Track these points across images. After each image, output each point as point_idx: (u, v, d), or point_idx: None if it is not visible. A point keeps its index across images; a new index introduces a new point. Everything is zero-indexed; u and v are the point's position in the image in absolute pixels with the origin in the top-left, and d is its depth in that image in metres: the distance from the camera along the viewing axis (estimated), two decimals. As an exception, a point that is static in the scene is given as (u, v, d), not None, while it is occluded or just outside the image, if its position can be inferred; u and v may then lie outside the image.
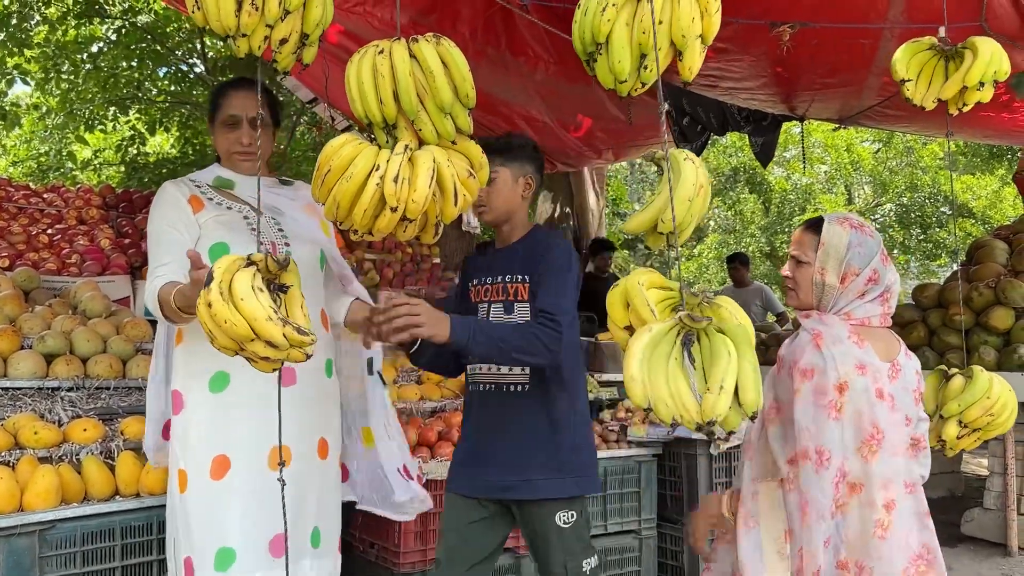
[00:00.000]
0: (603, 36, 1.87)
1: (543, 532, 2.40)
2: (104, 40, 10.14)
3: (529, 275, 2.42)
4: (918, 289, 5.88)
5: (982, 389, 2.62)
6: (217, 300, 1.65)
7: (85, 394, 3.27)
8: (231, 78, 2.67)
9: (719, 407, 1.52)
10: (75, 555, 2.61)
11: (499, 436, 2.43)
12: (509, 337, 2.27)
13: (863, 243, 2.21)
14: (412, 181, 1.87)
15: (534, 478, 2.37)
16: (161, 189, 2.54)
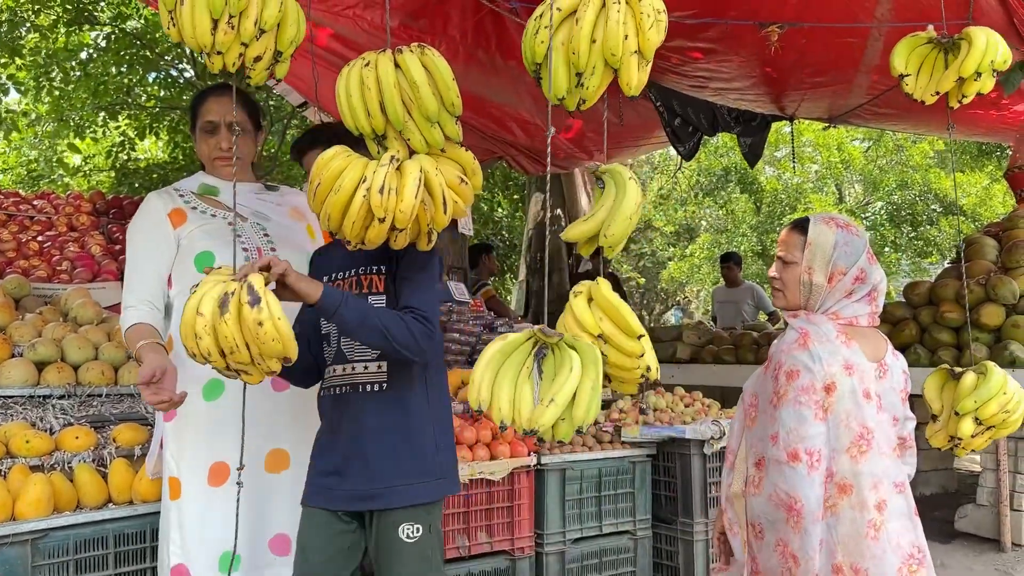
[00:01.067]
0: (540, 57, 1.91)
1: (386, 547, 2.23)
2: (94, 47, 10.12)
3: (384, 266, 2.30)
4: (909, 287, 5.90)
5: (998, 385, 2.57)
6: (268, 319, 1.80)
7: (77, 402, 3.25)
8: (210, 84, 2.70)
9: (544, 418, 1.64)
10: (68, 564, 2.59)
11: (357, 442, 2.25)
12: (383, 316, 2.14)
13: (849, 242, 2.22)
14: (399, 191, 1.89)
15: (395, 485, 2.22)
16: (144, 202, 2.57)
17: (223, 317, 1.78)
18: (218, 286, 1.84)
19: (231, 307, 1.79)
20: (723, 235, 18.64)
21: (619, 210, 1.94)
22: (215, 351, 1.79)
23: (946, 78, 2.89)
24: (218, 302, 1.80)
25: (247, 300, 1.80)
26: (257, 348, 1.82)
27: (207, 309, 1.80)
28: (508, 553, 3.53)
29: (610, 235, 1.95)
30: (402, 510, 2.22)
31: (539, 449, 3.66)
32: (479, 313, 5.31)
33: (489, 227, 12.45)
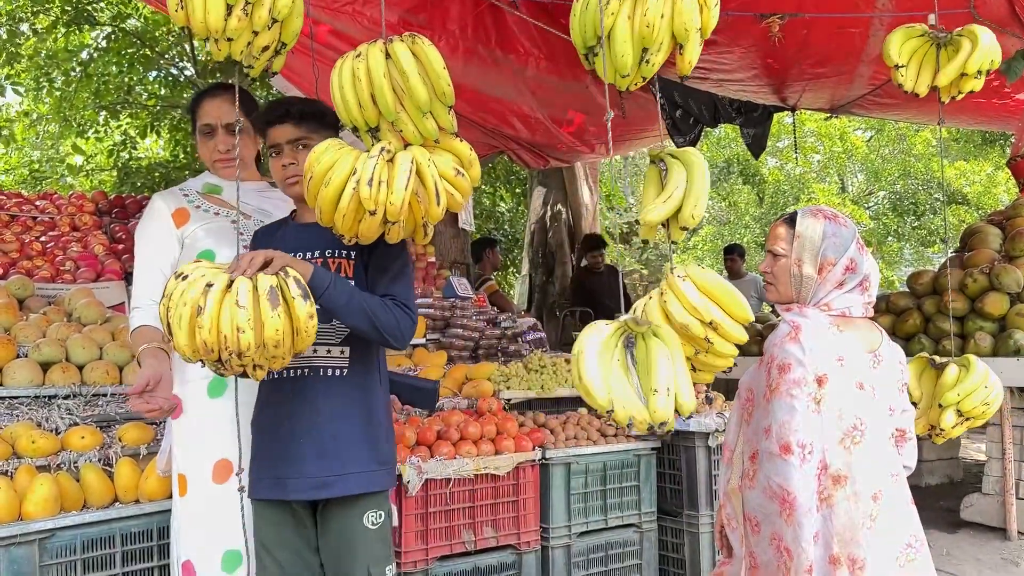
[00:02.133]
0: (606, 30, 1.87)
1: (348, 535, 2.19)
2: (94, 47, 10.12)
3: (353, 251, 2.24)
4: (913, 276, 5.89)
5: (981, 379, 2.64)
6: (315, 313, 1.87)
7: (82, 401, 3.26)
8: (205, 87, 2.69)
9: (668, 411, 1.66)
10: (75, 563, 2.60)
11: (314, 428, 2.17)
12: (368, 299, 2.12)
13: (837, 233, 2.22)
14: (389, 183, 1.87)
15: (352, 471, 2.17)
16: (150, 203, 2.59)
17: (275, 310, 1.76)
18: (241, 280, 1.80)
19: (281, 300, 1.79)
20: (726, 227, 18.63)
21: (701, 186, 1.93)
22: (253, 345, 1.75)
23: (947, 73, 2.90)
24: (264, 295, 1.77)
25: (298, 293, 1.81)
26: (292, 342, 1.82)
27: (246, 301, 1.75)
28: (514, 547, 3.54)
29: (697, 214, 1.94)
30: (364, 497, 2.20)
31: (543, 443, 3.66)
32: (482, 308, 5.32)
33: (491, 222, 12.44)
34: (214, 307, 1.75)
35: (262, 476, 2.23)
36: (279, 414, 2.23)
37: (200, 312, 1.75)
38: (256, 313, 1.76)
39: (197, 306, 1.76)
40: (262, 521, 2.26)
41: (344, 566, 2.21)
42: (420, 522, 3.27)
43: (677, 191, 1.91)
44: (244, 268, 1.84)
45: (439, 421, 3.58)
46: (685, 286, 1.83)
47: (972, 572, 4.35)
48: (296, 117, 2.27)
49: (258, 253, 1.90)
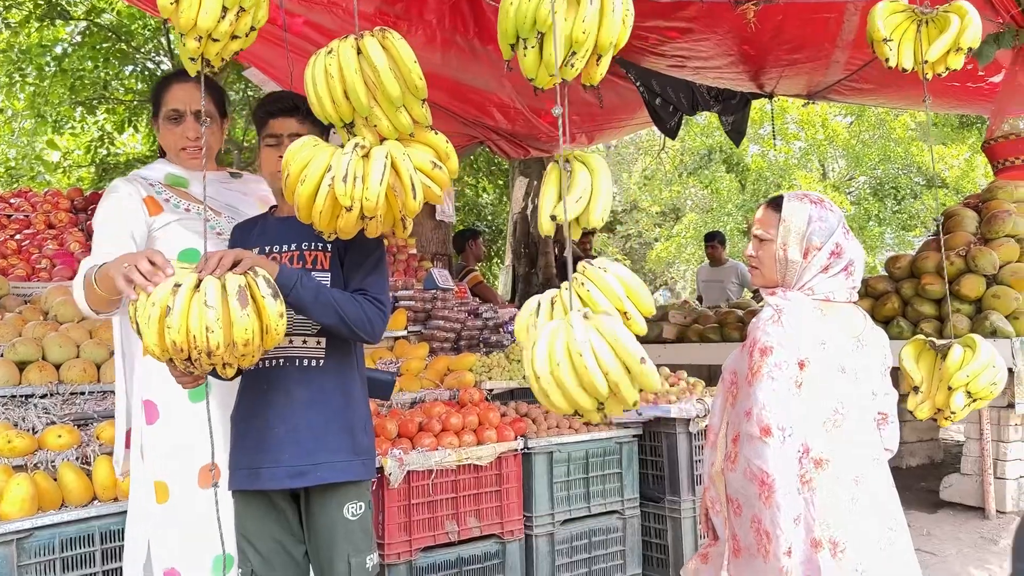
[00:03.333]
0: (545, 27, 1.86)
1: (329, 525, 2.21)
2: (68, 42, 10.01)
3: (330, 244, 2.24)
4: (890, 260, 5.94)
5: (989, 359, 2.62)
6: (285, 311, 1.87)
7: (59, 400, 3.24)
8: (172, 71, 2.62)
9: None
10: (54, 562, 2.58)
11: (289, 417, 2.18)
12: (336, 294, 2.13)
13: (823, 217, 2.22)
14: (365, 178, 1.87)
15: (327, 460, 2.18)
16: (111, 187, 2.48)
17: (244, 310, 1.76)
18: (209, 280, 1.80)
19: (250, 300, 1.79)
20: (708, 214, 18.68)
21: (606, 190, 1.93)
22: (222, 345, 1.75)
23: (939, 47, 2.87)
24: (233, 295, 1.77)
25: (268, 292, 1.81)
26: (264, 339, 1.82)
27: (215, 301, 1.76)
28: (498, 537, 3.55)
29: (604, 217, 1.94)
30: (343, 488, 2.21)
31: (525, 433, 3.67)
32: (464, 300, 5.32)
33: (474, 214, 12.43)
34: (183, 307, 1.75)
35: (239, 467, 2.24)
36: (256, 404, 2.24)
37: (169, 312, 1.75)
38: (225, 313, 1.76)
39: (166, 306, 1.75)
40: (243, 513, 2.27)
41: (325, 556, 2.23)
42: (403, 514, 3.27)
43: (586, 193, 1.93)
44: (213, 267, 1.84)
45: (420, 413, 3.58)
46: (607, 277, 1.86)
47: (952, 551, 4.41)
48: (303, 113, 2.26)
49: (227, 252, 1.89)
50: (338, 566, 2.21)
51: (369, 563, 2.25)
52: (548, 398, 1.67)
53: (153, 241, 2.40)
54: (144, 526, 2.40)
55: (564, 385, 1.66)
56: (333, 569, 2.22)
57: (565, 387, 1.66)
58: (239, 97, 10.31)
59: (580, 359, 1.62)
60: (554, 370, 1.65)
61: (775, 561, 2.02)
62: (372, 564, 2.26)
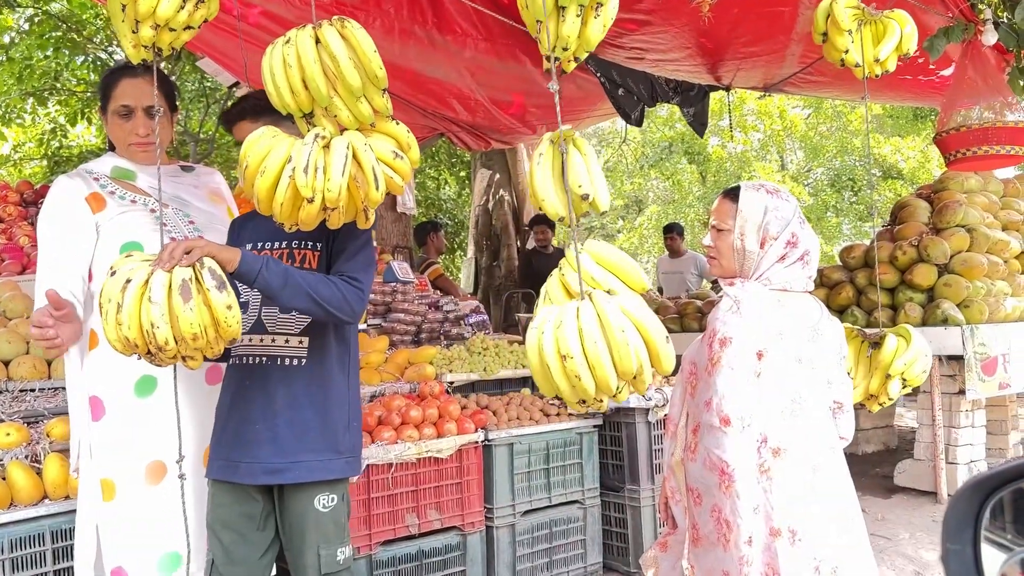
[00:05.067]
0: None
1: (300, 516, 2.21)
2: (16, 30, 9.74)
3: (320, 243, 2.26)
4: (845, 250, 6.04)
5: (922, 347, 2.76)
6: (235, 302, 1.81)
7: (8, 397, 3.16)
8: (120, 64, 2.56)
9: None
10: (3, 563, 2.52)
11: (269, 415, 2.19)
12: (307, 276, 2.09)
13: (779, 207, 2.25)
14: (326, 169, 1.85)
15: (306, 459, 2.19)
16: (55, 184, 2.43)
17: (188, 304, 1.73)
18: (157, 273, 1.77)
19: (195, 293, 1.75)
20: (670, 206, 18.83)
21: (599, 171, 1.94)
22: (172, 340, 1.74)
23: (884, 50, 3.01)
24: (176, 289, 1.74)
25: (213, 284, 1.77)
26: (215, 333, 1.79)
27: (159, 297, 1.73)
28: (459, 529, 3.55)
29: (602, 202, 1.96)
30: (316, 483, 2.21)
31: (486, 425, 3.67)
32: (424, 292, 5.30)
33: (436, 206, 12.37)
34: (132, 304, 1.74)
35: (218, 457, 2.26)
36: (237, 399, 2.25)
37: (119, 309, 1.73)
38: (169, 308, 1.74)
39: (117, 303, 1.74)
40: (215, 501, 2.27)
41: (296, 547, 2.24)
42: (363, 508, 3.26)
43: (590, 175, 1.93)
44: (164, 261, 1.81)
45: (380, 406, 3.56)
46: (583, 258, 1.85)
47: (904, 535, 4.50)
48: (252, 112, 2.27)
49: (179, 244, 1.86)
50: (308, 558, 2.21)
51: (340, 556, 2.25)
52: (579, 380, 1.62)
53: (99, 237, 2.36)
54: (92, 525, 2.36)
55: (600, 364, 1.62)
56: (303, 560, 2.22)
57: (600, 367, 1.62)
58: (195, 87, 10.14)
59: (622, 335, 1.60)
60: (590, 348, 1.61)
61: (735, 550, 2.04)
62: (344, 557, 2.26)
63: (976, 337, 4.96)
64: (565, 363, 1.63)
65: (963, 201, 5.64)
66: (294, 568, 2.27)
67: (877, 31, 3.09)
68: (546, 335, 1.65)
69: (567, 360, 1.63)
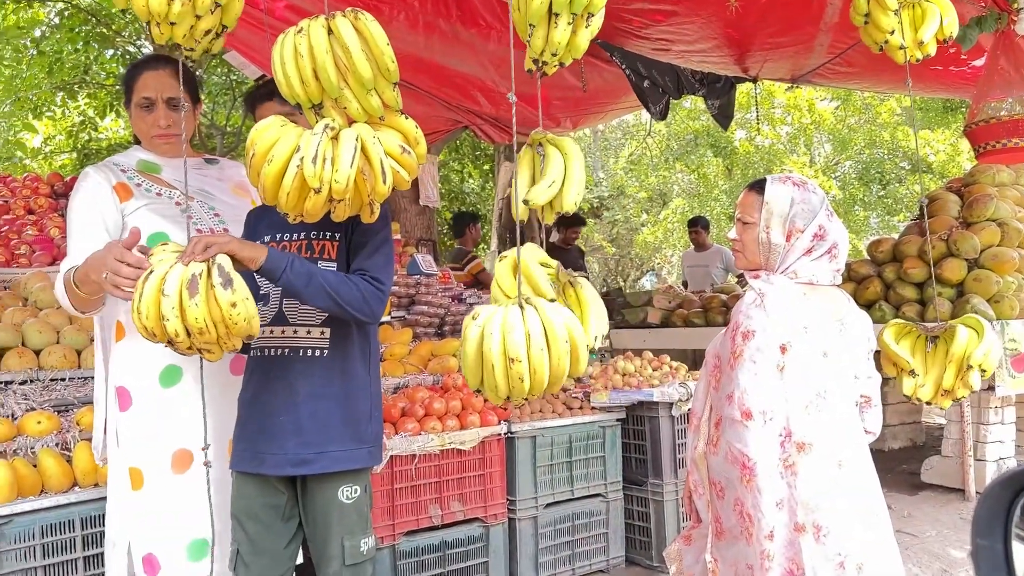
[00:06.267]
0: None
1: (324, 508, 2.23)
2: (47, 24, 9.86)
3: (338, 233, 2.26)
4: (873, 244, 5.97)
5: (994, 337, 2.68)
6: (242, 300, 1.81)
7: (39, 386, 3.21)
8: (142, 57, 2.60)
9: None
10: (35, 548, 2.58)
11: (292, 407, 2.21)
12: (330, 277, 2.12)
13: (806, 200, 2.22)
14: (334, 160, 1.85)
15: (330, 450, 2.20)
16: (83, 175, 2.46)
17: (192, 299, 1.75)
18: (176, 266, 1.80)
19: (201, 289, 1.77)
20: (695, 199, 18.69)
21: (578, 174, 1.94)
22: (182, 332, 1.76)
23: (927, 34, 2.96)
24: (185, 283, 1.77)
25: (219, 282, 1.79)
26: (226, 328, 1.80)
27: (171, 290, 1.76)
28: (481, 520, 3.57)
29: (577, 201, 1.96)
30: (340, 473, 2.23)
31: (509, 417, 3.68)
32: (447, 285, 5.31)
33: (459, 199, 12.38)
34: (150, 295, 1.77)
35: (244, 449, 2.27)
36: (260, 391, 2.26)
37: (140, 299, 1.77)
38: (179, 302, 1.77)
39: (139, 293, 1.78)
40: (239, 492, 2.29)
41: (320, 538, 2.25)
42: (387, 498, 3.28)
43: (559, 177, 1.94)
44: (187, 255, 1.83)
45: (404, 398, 3.58)
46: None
47: (931, 532, 4.46)
48: (280, 95, 2.26)
49: (203, 238, 1.88)
50: (332, 548, 2.23)
51: (364, 546, 2.26)
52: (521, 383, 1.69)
53: (125, 227, 2.37)
54: (122, 513, 2.39)
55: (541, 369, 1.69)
56: (328, 552, 2.24)
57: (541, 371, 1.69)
58: (221, 81, 10.22)
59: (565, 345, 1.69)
60: (535, 355, 1.68)
61: (757, 544, 2.04)
62: (367, 547, 2.27)
63: (1006, 333, 4.89)
64: (512, 366, 1.67)
65: (994, 195, 5.55)
66: (318, 558, 2.29)
67: (916, 16, 3.03)
68: (494, 336, 1.69)
69: (514, 363, 1.67)
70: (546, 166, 1.86)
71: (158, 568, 2.33)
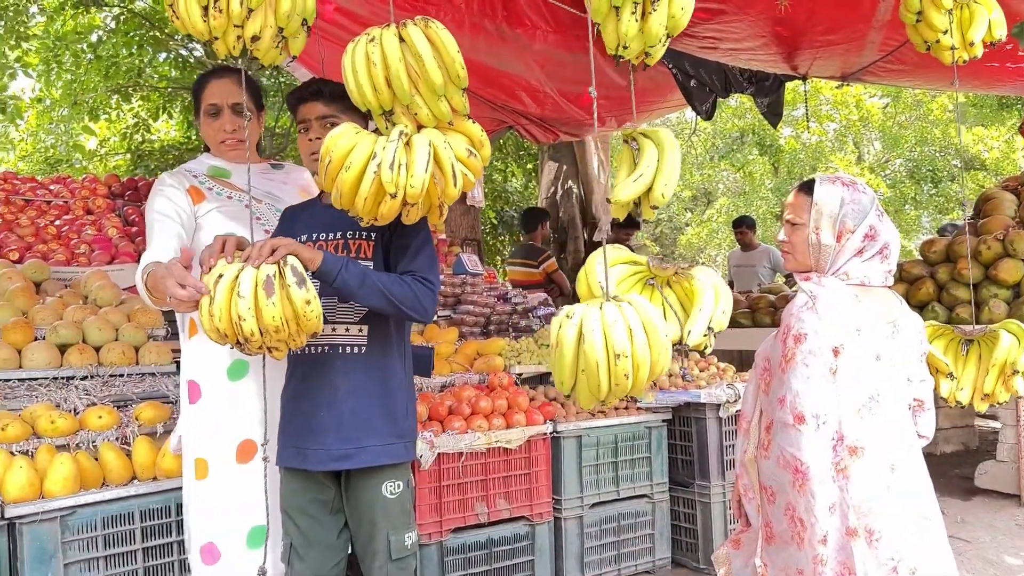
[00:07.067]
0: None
1: (368, 503, 2.28)
2: (103, 28, 10.12)
3: (374, 233, 2.31)
4: (926, 244, 5.85)
5: None
6: (314, 298, 1.89)
7: (99, 382, 3.32)
8: (214, 66, 2.71)
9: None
10: (96, 539, 2.67)
11: (333, 403, 2.26)
12: (382, 277, 2.18)
13: (856, 200, 2.20)
14: (409, 166, 1.91)
15: (370, 444, 2.26)
16: (159, 180, 2.58)
17: (270, 299, 1.83)
18: (246, 269, 1.88)
19: (277, 289, 1.84)
20: (741, 198, 18.48)
21: (671, 165, 1.95)
22: (257, 331, 1.84)
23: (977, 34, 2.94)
24: (260, 284, 1.84)
25: (293, 281, 1.86)
26: (297, 326, 1.88)
27: (247, 291, 1.83)
28: (527, 519, 3.58)
29: (667, 192, 1.96)
30: (383, 468, 2.28)
31: (554, 417, 3.70)
32: (493, 284, 5.34)
33: (502, 199, 12.41)
34: (223, 297, 1.84)
35: (287, 445, 2.34)
36: (302, 388, 2.33)
37: (212, 302, 1.85)
38: (255, 302, 1.84)
39: (210, 297, 1.86)
40: (287, 488, 2.36)
41: (365, 533, 2.31)
42: (434, 495, 3.32)
43: (648, 170, 1.94)
44: (253, 258, 1.91)
45: (450, 396, 3.62)
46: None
47: (986, 538, 4.36)
48: (327, 96, 2.36)
49: (267, 242, 1.95)
50: (377, 543, 2.28)
51: (408, 540, 2.31)
52: (625, 380, 1.69)
53: (199, 228, 2.51)
54: (186, 503, 2.51)
55: (644, 366, 1.70)
56: (373, 546, 2.29)
57: (644, 368, 1.70)
58: (270, 83, 10.39)
59: (665, 340, 1.73)
60: (639, 351, 1.70)
61: (809, 549, 2.02)
62: (411, 542, 2.32)
63: (1066, 335, 4.75)
64: (617, 362, 1.66)
65: (1053, 193, 5.41)
66: (363, 552, 2.34)
67: (964, 17, 3.01)
68: (595, 332, 1.67)
69: (620, 359, 1.65)
70: (640, 160, 1.87)
71: (218, 556, 2.42)
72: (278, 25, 2.03)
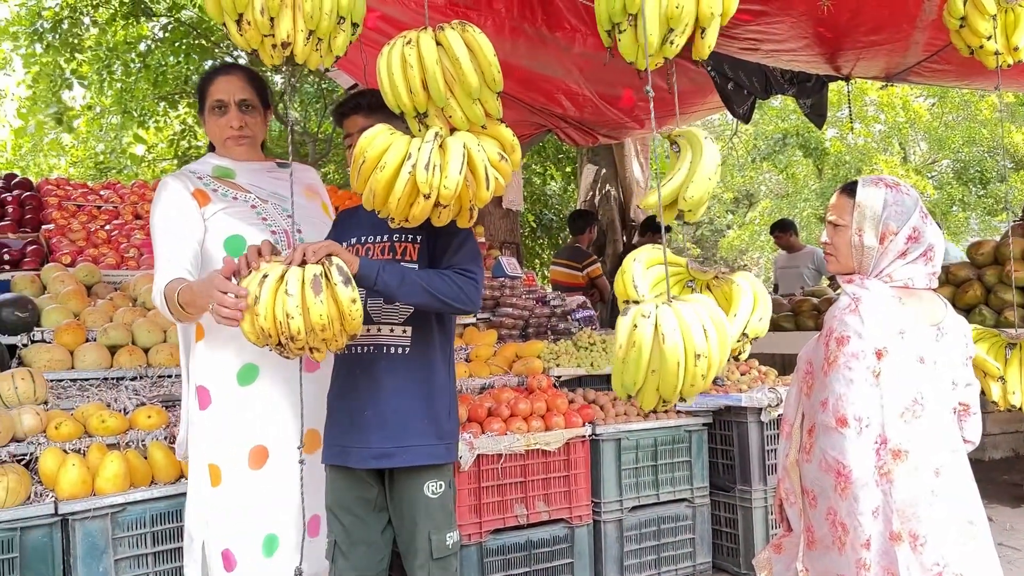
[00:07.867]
0: (636, 8, 1.87)
1: (411, 503, 2.30)
2: (151, 38, 10.37)
3: (419, 235, 2.33)
4: (973, 247, 5.73)
5: None
6: (359, 296, 1.91)
7: (148, 382, 3.40)
8: (216, 65, 2.70)
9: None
10: (145, 535, 2.74)
11: (377, 402, 2.29)
12: (421, 274, 2.20)
13: (899, 201, 2.17)
14: (443, 168, 1.92)
15: (412, 444, 2.27)
16: (162, 184, 2.53)
17: (318, 297, 1.85)
18: (292, 269, 1.90)
19: (324, 287, 1.87)
20: (784, 200, 18.26)
21: (698, 171, 1.94)
22: (303, 330, 1.86)
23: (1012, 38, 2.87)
24: (308, 283, 1.87)
25: (339, 280, 1.89)
26: (341, 325, 1.91)
27: (294, 289, 1.86)
28: (566, 521, 3.59)
29: (689, 198, 1.94)
30: (425, 468, 2.30)
31: (593, 419, 3.70)
32: (531, 287, 5.35)
33: (541, 202, 12.42)
34: (268, 297, 1.87)
35: (332, 444, 2.37)
36: (346, 388, 2.36)
37: (256, 302, 1.87)
38: (303, 300, 1.86)
39: (254, 296, 1.87)
40: (331, 486, 2.38)
41: (407, 532, 2.33)
42: (473, 496, 3.34)
43: (679, 174, 1.92)
44: (296, 259, 1.94)
45: (489, 398, 3.64)
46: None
47: (1036, 547, 4.26)
48: (366, 108, 2.37)
49: (308, 245, 1.98)
50: (419, 542, 2.30)
51: (449, 540, 2.33)
52: (703, 380, 1.69)
53: (207, 231, 2.46)
54: (200, 509, 2.46)
55: (717, 365, 1.72)
56: (415, 545, 2.31)
57: (716, 367, 1.72)
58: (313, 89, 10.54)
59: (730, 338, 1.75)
60: (715, 350, 1.72)
61: (852, 553, 2.00)
62: (452, 541, 2.34)
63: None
64: (698, 362, 1.64)
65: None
66: (405, 551, 2.36)
67: (1008, 21, 2.95)
68: (675, 332, 1.66)
69: (700, 359, 1.64)
70: (678, 163, 1.87)
71: (235, 563, 2.40)
72: (308, 28, 2.02)
